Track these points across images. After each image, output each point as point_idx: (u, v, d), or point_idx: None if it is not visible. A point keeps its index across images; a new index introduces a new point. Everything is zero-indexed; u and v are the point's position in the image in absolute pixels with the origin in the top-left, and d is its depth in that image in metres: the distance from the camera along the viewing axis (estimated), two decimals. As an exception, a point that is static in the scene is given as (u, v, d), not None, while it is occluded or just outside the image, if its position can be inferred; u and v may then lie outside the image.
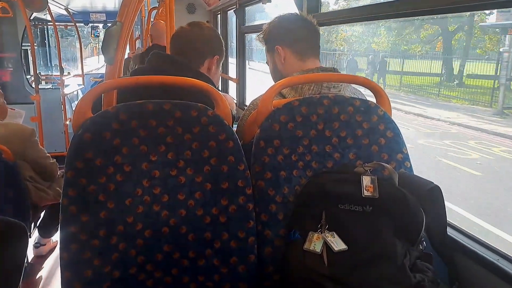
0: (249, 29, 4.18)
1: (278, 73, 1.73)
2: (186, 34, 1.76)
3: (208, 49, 1.76)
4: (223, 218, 1.34)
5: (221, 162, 1.35)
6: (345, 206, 1.27)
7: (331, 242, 1.22)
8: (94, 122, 1.28)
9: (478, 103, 13.12)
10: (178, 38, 1.78)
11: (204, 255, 1.34)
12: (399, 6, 1.75)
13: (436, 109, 12.74)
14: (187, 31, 1.77)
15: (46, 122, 4.68)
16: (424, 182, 1.31)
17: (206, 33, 1.77)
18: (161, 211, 1.31)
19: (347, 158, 1.44)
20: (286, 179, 1.39)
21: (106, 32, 1.45)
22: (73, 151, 1.26)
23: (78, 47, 7.52)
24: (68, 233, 1.25)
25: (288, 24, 1.70)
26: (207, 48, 1.76)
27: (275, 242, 1.37)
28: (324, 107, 1.43)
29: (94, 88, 1.35)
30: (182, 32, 1.78)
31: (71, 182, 1.25)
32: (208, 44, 1.77)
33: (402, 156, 1.46)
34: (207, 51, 1.76)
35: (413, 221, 1.25)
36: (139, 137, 1.31)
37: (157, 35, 3.91)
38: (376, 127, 1.45)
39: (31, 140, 2.82)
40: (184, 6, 5.42)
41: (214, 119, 1.35)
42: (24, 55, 6.14)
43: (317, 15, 2.42)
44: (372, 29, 20.09)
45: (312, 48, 1.69)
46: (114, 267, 1.28)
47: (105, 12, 7.74)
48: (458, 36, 17.68)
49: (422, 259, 1.27)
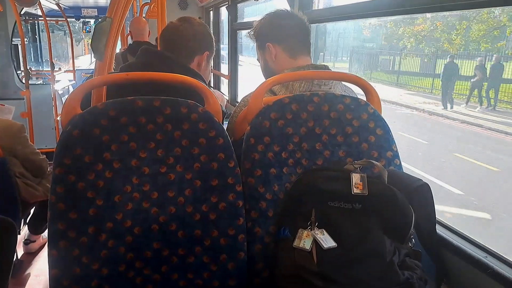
0: (241, 26, 4.17)
1: (269, 70, 1.73)
2: (176, 30, 1.75)
3: (198, 45, 1.76)
4: (213, 215, 1.34)
5: (211, 159, 1.34)
6: (335, 203, 1.27)
7: (321, 239, 1.22)
8: (83, 118, 1.28)
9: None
10: (167, 34, 1.77)
11: (193, 252, 1.34)
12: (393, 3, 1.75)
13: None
14: (177, 27, 1.76)
15: (37, 118, 4.65)
16: (414, 179, 1.31)
17: (196, 29, 1.76)
18: (150, 208, 1.31)
19: (337, 156, 1.44)
20: (276, 176, 1.39)
21: (95, 28, 1.44)
22: (62, 148, 1.26)
23: (69, 42, 7.47)
24: (57, 230, 1.24)
25: (279, 21, 1.69)
26: (197, 44, 1.75)
27: (265, 239, 1.37)
28: (314, 104, 1.43)
29: (83, 84, 1.34)
30: (172, 28, 1.77)
31: (59, 179, 1.24)
32: (198, 40, 1.76)
33: (392, 153, 1.46)
34: (197, 47, 1.75)
35: (402, 219, 1.26)
36: (128, 134, 1.30)
37: (137, 32, 3.82)
38: (366, 125, 1.45)
39: (20, 136, 2.80)
40: (176, 2, 5.41)
41: (204, 116, 1.35)
42: (15, 51, 6.07)
43: (309, 12, 2.42)
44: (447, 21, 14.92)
45: (303, 45, 1.69)
46: (103, 264, 1.27)
47: (96, 8, 7.68)
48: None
49: (411, 257, 1.28)
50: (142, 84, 1.48)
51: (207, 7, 5.33)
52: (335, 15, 2.35)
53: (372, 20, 16.82)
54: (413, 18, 15.07)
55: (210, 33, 1.83)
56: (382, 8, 1.83)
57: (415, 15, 2.38)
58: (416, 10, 1.70)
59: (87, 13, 7.73)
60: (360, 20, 13.22)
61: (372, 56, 19.58)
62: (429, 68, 15.71)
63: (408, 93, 15.05)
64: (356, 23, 18.92)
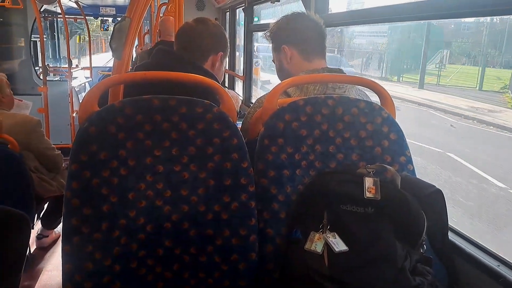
0: (257, 28, 4.18)
1: (284, 72, 1.74)
2: (191, 30, 1.77)
3: (212, 45, 1.77)
4: (225, 215, 1.34)
5: (225, 159, 1.35)
6: (347, 207, 1.27)
7: (332, 242, 1.22)
8: (99, 115, 1.29)
9: None
10: (183, 34, 1.79)
11: (205, 252, 1.34)
12: (408, 9, 1.76)
13: None
14: (192, 28, 1.78)
15: (53, 114, 4.70)
16: (427, 185, 1.31)
17: (211, 30, 1.78)
18: (163, 206, 1.32)
19: (350, 159, 1.44)
20: (289, 178, 1.39)
21: (114, 28, 1.46)
22: (78, 144, 1.27)
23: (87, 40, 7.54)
24: (71, 226, 1.25)
25: (295, 24, 1.70)
26: (211, 44, 1.77)
27: (276, 241, 1.37)
28: (328, 107, 1.44)
29: (101, 82, 1.36)
30: (187, 28, 1.79)
31: (75, 175, 1.26)
32: (213, 41, 1.78)
33: (405, 158, 1.46)
34: (211, 47, 1.77)
35: (414, 224, 1.25)
36: (143, 132, 1.31)
37: (165, 31, 3.87)
38: (380, 129, 1.45)
39: (36, 130, 2.84)
40: (194, 3, 5.44)
41: (219, 116, 1.36)
42: (34, 47, 6.15)
43: (325, 16, 2.42)
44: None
45: (318, 49, 1.70)
46: (115, 260, 1.29)
47: (115, 6, 7.76)
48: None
49: (422, 263, 1.27)
50: (158, 84, 1.49)
51: (223, 9, 5.36)
52: (351, 19, 2.35)
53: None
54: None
55: (224, 34, 1.85)
56: (399, 13, 1.83)
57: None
58: (433, 16, 1.70)
59: (105, 11, 7.81)
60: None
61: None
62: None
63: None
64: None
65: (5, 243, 1.47)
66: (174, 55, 1.74)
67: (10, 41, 5.80)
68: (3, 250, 1.47)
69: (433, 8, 1.57)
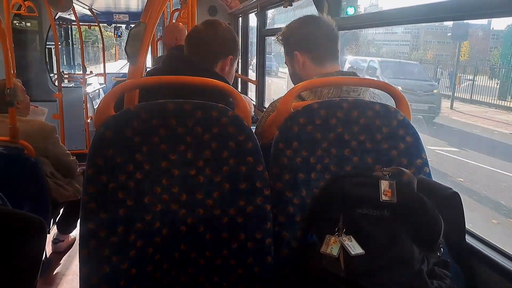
0: (269, 32, 4.19)
1: (296, 77, 1.73)
2: (200, 34, 1.77)
3: (222, 49, 1.76)
4: (241, 219, 1.35)
5: (240, 162, 1.35)
6: (363, 210, 1.26)
7: (348, 246, 1.21)
8: (115, 120, 1.30)
9: None
10: (192, 38, 1.79)
11: (220, 255, 1.35)
12: (422, 11, 1.74)
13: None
14: (201, 31, 1.77)
15: (68, 120, 4.75)
16: (443, 188, 1.30)
17: (221, 33, 1.77)
18: (179, 210, 1.32)
19: (365, 162, 1.43)
20: (304, 181, 1.39)
21: (130, 33, 1.47)
22: (95, 148, 1.28)
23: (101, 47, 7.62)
24: (88, 229, 1.26)
25: (307, 30, 1.69)
26: (221, 48, 1.76)
27: (292, 244, 1.37)
28: (343, 110, 1.43)
29: (117, 87, 1.37)
30: (197, 32, 1.79)
31: (91, 179, 1.27)
32: (222, 45, 1.77)
33: (421, 161, 1.45)
34: (221, 51, 1.76)
35: (431, 227, 1.24)
36: (159, 136, 1.32)
37: (182, 37, 3.95)
38: (395, 132, 1.44)
39: (52, 136, 2.87)
40: (206, 9, 5.47)
41: (234, 119, 1.36)
42: (48, 54, 6.24)
43: (338, 19, 2.42)
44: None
45: (331, 53, 1.68)
46: (131, 264, 1.29)
47: (128, 13, 7.83)
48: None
49: (440, 266, 1.26)
50: (173, 88, 1.50)
51: (236, 14, 5.38)
52: (364, 22, 2.34)
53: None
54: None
55: (234, 37, 1.83)
56: (413, 15, 1.82)
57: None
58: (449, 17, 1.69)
59: (118, 18, 7.89)
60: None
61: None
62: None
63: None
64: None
65: (22, 247, 1.49)
66: (184, 59, 1.74)
67: (25, 49, 5.89)
68: (20, 254, 1.49)
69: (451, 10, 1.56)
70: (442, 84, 12.62)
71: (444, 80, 13.06)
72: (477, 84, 11.89)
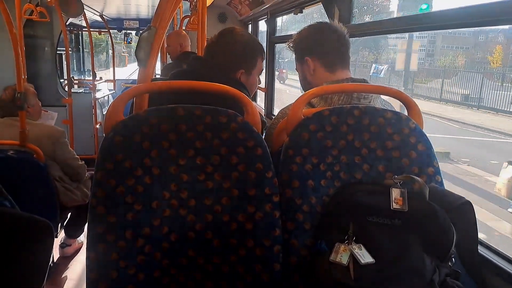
0: (279, 39, 4.19)
1: (307, 83, 1.73)
2: (219, 45, 1.75)
3: (240, 62, 1.75)
4: (249, 225, 1.33)
5: (249, 168, 1.34)
6: (373, 218, 1.25)
7: (358, 254, 1.20)
8: (125, 124, 1.30)
9: None
10: (211, 48, 1.77)
11: (228, 262, 1.33)
12: (433, 18, 1.74)
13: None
14: (219, 43, 1.76)
15: (77, 125, 4.78)
16: (456, 197, 1.28)
17: (238, 47, 1.74)
18: (187, 216, 1.31)
19: (376, 170, 1.42)
20: (314, 189, 1.37)
21: (140, 36, 1.47)
22: (104, 153, 1.28)
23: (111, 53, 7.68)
24: (96, 233, 1.26)
25: (318, 36, 1.69)
26: (239, 61, 1.74)
27: (301, 252, 1.35)
28: (354, 117, 1.42)
29: (126, 92, 1.37)
30: (214, 43, 1.77)
31: (100, 183, 1.27)
32: (241, 57, 1.75)
33: (433, 170, 1.43)
34: (238, 65, 1.74)
35: (443, 237, 1.22)
36: (168, 141, 1.32)
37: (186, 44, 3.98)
38: (407, 140, 1.43)
39: (61, 141, 2.89)
40: (216, 15, 5.49)
41: (244, 125, 1.35)
42: (59, 60, 6.29)
43: (349, 26, 2.41)
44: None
45: (342, 60, 1.68)
46: (139, 269, 1.28)
47: (138, 20, 7.88)
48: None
49: (451, 276, 1.24)
50: (183, 93, 1.50)
51: (245, 21, 5.39)
52: (374, 29, 2.33)
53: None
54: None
55: (252, 48, 1.80)
56: (424, 22, 1.82)
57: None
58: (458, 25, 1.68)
59: (128, 24, 7.94)
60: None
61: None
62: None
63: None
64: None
65: (30, 251, 1.49)
66: (209, 64, 1.73)
67: (36, 54, 5.94)
68: (27, 257, 1.48)
69: (461, 17, 1.55)
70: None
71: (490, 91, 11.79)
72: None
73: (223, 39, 1.76)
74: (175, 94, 1.50)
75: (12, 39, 2.46)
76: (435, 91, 14.23)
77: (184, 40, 4.04)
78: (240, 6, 4.91)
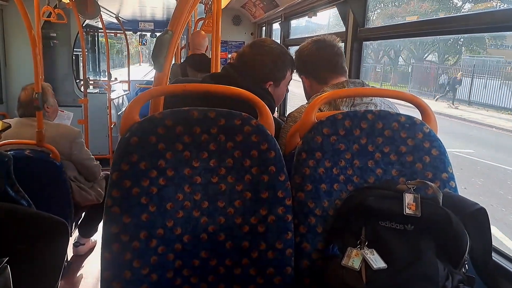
0: (293, 42, 4.20)
1: (307, 95, 1.88)
2: (250, 56, 1.78)
3: (270, 72, 1.79)
4: (262, 228, 1.34)
5: (262, 171, 1.35)
6: (386, 223, 1.25)
7: (370, 259, 1.20)
8: (141, 126, 1.32)
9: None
10: (240, 62, 1.81)
11: (240, 264, 1.34)
12: (445, 23, 1.73)
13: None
14: (251, 54, 1.79)
15: (92, 125, 4.83)
16: (470, 203, 1.27)
17: (268, 60, 1.77)
18: (200, 217, 1.33)
19: (389, 175, 1.41)
20: (327, 192, 1.38)
21: (157, 40, 1.49)
22: (120, 154, 1.30)
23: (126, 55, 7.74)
24: (111, 233, 1.27)
25: (307, 57, 1.84)
26: (267, 73, 1.78)
27: (313, 256, 1.36)
28: (368, 121, 1.42)
29: (143, 94, 1.39)
30: (246, 54, 1.80)
31: (116, 183, 1.28)
32: (270, 69, 1.78)
33: (447, 175, 1.42)
34: (268, 74, 1.78)
35: (457, 243, 1.21)
36: (183, 143, 1.33)
37: (195, 44, 3.90)
38: (421, 145, 1.42)
39: (77, 141, 2.92)
40: (230, 18, 5.52)
41: (257, 128, 1.36)
42: (75, 61, 6.37)
43: (364, 29, 2.41)
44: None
45: (334, 70, 1.79)
46: (152, 270, 1.30)
47: (153, 21, 7.94)
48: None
49: (465, 283, 1.23)
50: (199, 96, 1.52)
51: (259, 23, 5.40)
52: (388, 33, 2.33)
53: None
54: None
55: (285, 62, 1.83)
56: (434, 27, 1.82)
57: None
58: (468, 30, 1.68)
59: (144, 26, 8.00)
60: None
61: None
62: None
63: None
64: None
65: (46, 249, 1.51)
66: (244, 74, 1.75)
67: (53, 55, 6.02)
68: (44, 255, 1.51)
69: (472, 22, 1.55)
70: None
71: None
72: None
73: (254, 50, 1.80)
74: (192, 98, 1.52)
75: (31, 40, 2.50)
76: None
77: (193, 41, 3.98)
78: (254, 9, 4.92)
